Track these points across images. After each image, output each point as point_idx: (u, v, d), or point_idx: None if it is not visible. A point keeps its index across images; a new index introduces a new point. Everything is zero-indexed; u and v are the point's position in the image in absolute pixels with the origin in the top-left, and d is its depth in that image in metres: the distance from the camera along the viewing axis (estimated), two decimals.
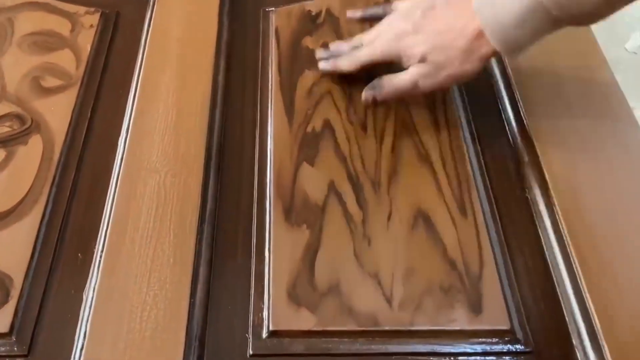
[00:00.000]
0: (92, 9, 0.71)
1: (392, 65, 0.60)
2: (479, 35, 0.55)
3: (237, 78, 0.66)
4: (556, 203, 0.54)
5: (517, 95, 0.62)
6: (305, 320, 0.48)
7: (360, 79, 0.63)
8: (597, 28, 1.94)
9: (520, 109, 0.61)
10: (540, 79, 0.64)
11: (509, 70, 0.65)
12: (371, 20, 0.65)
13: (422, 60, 0.57)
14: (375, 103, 0.61)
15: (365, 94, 0.60)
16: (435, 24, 0.58)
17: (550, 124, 0.60)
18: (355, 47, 0.62)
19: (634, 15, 2.03)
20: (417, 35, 0.58)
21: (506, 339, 0.48)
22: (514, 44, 0.55)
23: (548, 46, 0.64)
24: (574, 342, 0.48)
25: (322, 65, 0.64)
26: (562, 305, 0.50)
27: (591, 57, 0.67)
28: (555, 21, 0.52)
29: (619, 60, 1.91)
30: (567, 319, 0.49)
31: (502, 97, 0.64)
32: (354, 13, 0.68)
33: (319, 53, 0.66)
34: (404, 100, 0.62)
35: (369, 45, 0.61)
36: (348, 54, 0.63)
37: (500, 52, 0.56)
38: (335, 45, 0.65)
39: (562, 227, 0.53)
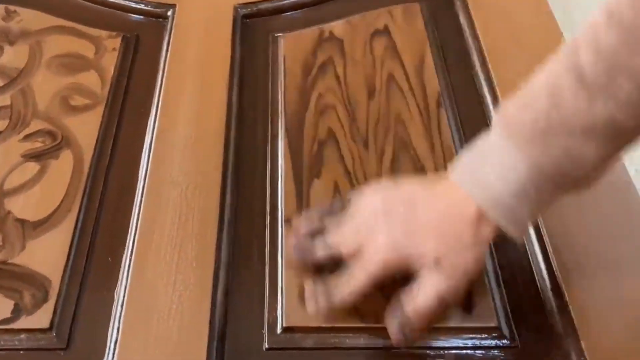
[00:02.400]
0: (114, 33, 0.77)
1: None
2: (479, 218, 0.48)
3: (250, 98, 0.71)
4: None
5: None
6: (315, 318, 0.52)
7: (361, 96, 0.68)
8: None
9: None
10: None
11: (499, 93, 0.69)
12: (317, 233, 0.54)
13: (436, 263, 0.49)
14: (406, 342, 0.50)
15: (396, 339, 0.50)
16: (428, 219, 0.50)
17: None
18: (339, 276, 0.51)
19: None
20: (415, 237, 0.49)
21: (494, 335, 0.53)
22: (521, 224, 0.49)
23: (534, 68, 0.70)
24: (555, 337, 0.53)
25: (312, 308, 0.52)
26: (544, 304, 0.55)
27: None
28: (562, 191, 0.49)
29: None
30: (548, 316, 0.54)
31: (493, 118, 0.69)
32: (300, 225, 0.55)
33: (296, 253, 0.54)
34: (401, 120, 0.68)
35: (360, 265, 0.50)
36: (340, 286, 0.51)
37: (504, 229, 0.49)
38: (307, 251, 0.53)
39: (543, 232, 0.58)
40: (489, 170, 0.48)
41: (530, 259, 0.58)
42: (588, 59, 0.44)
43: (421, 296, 0.49)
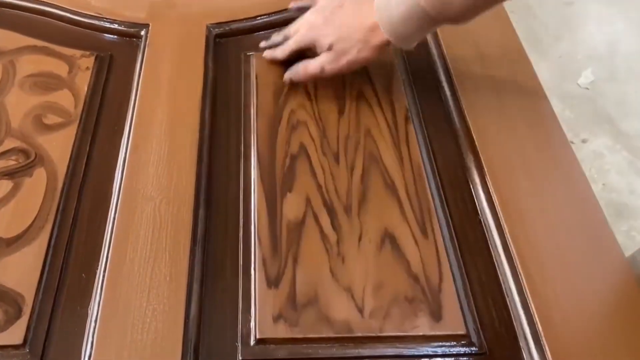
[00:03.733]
0: (88, 53, 0.77)
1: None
2: (374, 27, 0.68)
3: (222, 115, 0.72)
4: (505, 224, 0.61)
5: (472, 131, 0.70)
6: (288, 329, 0.54)
7: (331, 113, 0.71)
8: (550, 65, 2.07)
9: (474, 142, 0.68)
10: (491, 116, 0.71)
11: (464, 109, 0.72)
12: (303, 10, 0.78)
13: (329, 49, 0.70)
14: (292, 83, 0.74)
15: (285, 76, 0.74)
16: (341, 18, 0.71)
17: (499, 155, 0.67)
18: (286, 37, 0.76)
19: (585, 53, 2.15)
20: (326, 28, 0.71)
21: (462, 342, 0.54)
22: (402, 37, 0.67)
23: (498, 85, 0.73)
24: (521, 344, 0.55)
25: (264, 54, 0.78)
26: (511, 312, 0.57)
27: (536, 94, 0.75)
28: (433, 20, 0.64)
29: (572, 95, 2.02)
30: (515, 324, 0.56)
31: (459, 132, 0.71)
32: (295, 3, 0.82)
33: (262, 44, 0.79)
34: (371, 136, 0.69)
35: (293, 36, 0.75)
36: (281, 45, 0.76)
37: (392, 42, 0.68)
38: (274, 37, 0.78)
39: (510, 245, 0.60)
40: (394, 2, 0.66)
41: (497, 269, 0.60)
42: None
43: (310, 62, 0.73)
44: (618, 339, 0.54)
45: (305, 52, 0.74)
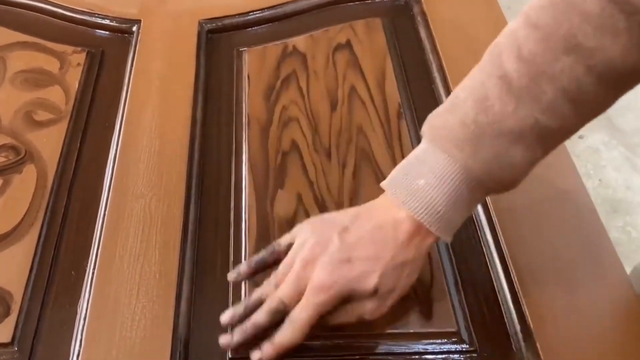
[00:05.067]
0: (79, 49, 0.77)
1: None
2: (415, 229, 0.49)
3: (214, 111, 0.72)
4: (497, 221, 0.61)
5: None
6: None
7: (323, 109, 0.70)
8: None
9: None
10: None
11: None
12: (259, 272, 0.54)
13: (375, 291, 0.49)
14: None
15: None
16: (365, 245, 0.49)
17: None
18: (275, 311, 0.49)
19: None
20: (355, 266, 0.48)
21: (453, 339, 0.54)
22: (453, 226, 0.50)
23: None
24: (512, 341, 0.54)
25: (257, 357, 0.49)
26: (502, 310, 0.56)
27: None
28: (490, 191, 0.50)
29: None
30: (506, 321, 0.55)
31: None
32: (236, 274, 0.53)
33: (224, 339, 0.50)
34: (363, 132, 0.69)
35: (306, 300, 0.49)
36: (282, 329, 0.49)
37: (439, 236, 0.49)
38: (249, 321, 0.50)
39: (502, 242, 0.59)
40: (420, 178, 0.48)
41: (489, 266, 0.59)
42: (511, 64, 0.46)
43: (341, 316, 0.50)
44: (609, 336, 0.54)
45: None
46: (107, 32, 0.81)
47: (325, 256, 0.49)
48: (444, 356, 0.53)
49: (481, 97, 0.47)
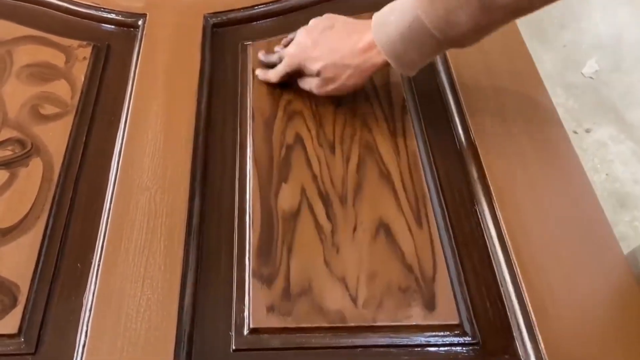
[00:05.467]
0: (85, 43, 0.77)
1: None
2: (369, 47, 0.63)
3: (219, 105, 0.72)
4: (500, 215, 0.61)
5: (468, 121, 0.69)
6: (281, 319, 0.54)
7: (328, 103, 0.70)
8: (555, 54, 2.05)
9: (470, 133, 0.68)
10: (489, 108, 0.71)
11: (461, 99, 0.72)
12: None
13: (317, 74, 0.67)
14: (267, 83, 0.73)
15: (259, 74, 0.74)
16: (331, 40, 0.66)
17: (495, 146, 0.67)
18: (280, 59, 0.72)
19: (590, 43, 2.13)
20: (314, 50, 0.67)
21: (456, 332, 0.54)
22: (402, 59, 0.61)
23: (496, 76, 0.72)
24: (514, 333, 0.55)
25: (257, 73, 0.74)
26: (505, 302, 0.57)
27: (535, 85, 0.74)
28: (437, 42, 0.59)
29: (576, 84, 2.00)
30: (508, 314, 0.56)
31: (456, 123, 0.71)
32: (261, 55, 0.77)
33: (260, 55, 0.76)
34: (367, 126, 0.69)
35: (284, 59, 0.71)
36: (275, 67, 0.73)
37: (390, 65, 0.62)
38: (269, 57, 0.75)
39: (505, 236, 0.60)
40: (392, 15, 0.61)
41: (492, 259, 0.60)
42: None
43: (300, 82, 0.70)
44: (611, 329, 0.54)
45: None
46: (112, 26, 0.81)
47: (306, 38, 0.68)
48: (446, 348, 0.54)
49: None
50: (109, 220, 0.60)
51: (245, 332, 0.54)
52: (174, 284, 0.56)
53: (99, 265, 0.57)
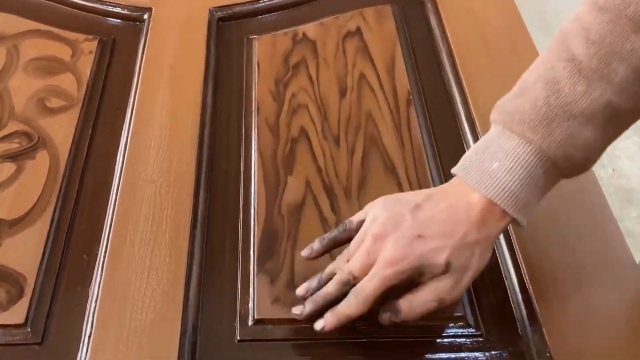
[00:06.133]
0: (91, 37, 0.78)
1: None
2: (488, 209, 0.49)
3: (224, 99, 0.72)
4: None
5: (473, 114, 0.69)
6: (286, 310, 0.54)
7: (332, 96, 0.70)
8: None
9: (475, 126, 0.68)
10: (494, 101, 0.70)
11: (467, 93, 0.71)
12: (331, 249, 0.55)
13: (447, 269, 0.49)
14: (393, 324, 0.51)
15: (383, 317, 0.50)
16: (437, 222, 0.49)
17: None
18: (346, 283, 0.50)
19: None
20: (427, 241, 0.48)
21: (459, 323, 0.54)
22: (528, 208, 0.50)
23: (501, 70, 0.72)
24: (518, 325, 0.55)
25: (319, 325, 0.50)
26: (509, 294, 0.56)
27: None
28: (563, 174, 0.50)
29: None
30: (512, 306, 0.56)
31: (461, 116, 0.70)
32: (309, 251, 0.54)
33: (297, 310, 0.52)
34: (372, 119, 0.69)
35: (374, 272, 0.49)
36: (351, 295, 0.50)
37: (513, 217, 0.50)
38: (319, 294, 0.52)
39: (511, 232, 0.59)
40: (494, 161, 0.49)
41: (496, 251, 0.60)
42: (580, 48, 0.47)
43: (419, 295, 0.49)
44: (615, 321, 0.54)
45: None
46: (118, 20, 0.81)
47: (397, 232, 0.49)
48: (450, 340, 0.54)
49: (551, 80, 0.48)
50: (115, 212, 0.60)
51: (250, 322, 0.54)
52: (179, 276, 0.56)
53: (104, 256, 0.57)
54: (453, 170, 0.52)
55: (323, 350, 0.53)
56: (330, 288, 0.51)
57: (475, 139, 0.67)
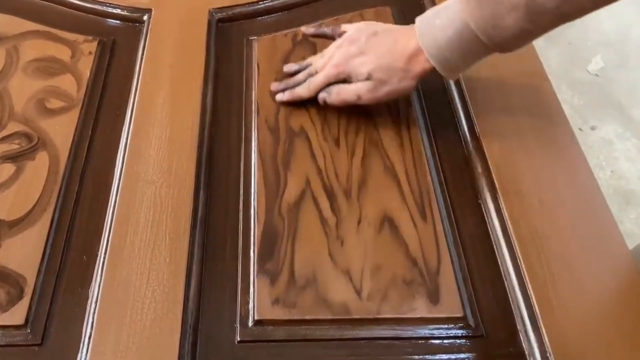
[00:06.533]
0: (90, 37, 0.78)
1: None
2: (417, 53, 0.63)
3: (224, 100, 0.72)
4: (504, 208, 0.61)
5: (473, 116, 0.69)
6: (286, 311, 0.54)
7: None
8: (560, 51, 2.05)
9: (475, 127, 0.68)
10: (493, 102, 0.71)
11: (466, 94, 0.72)
12: (320, 37, 0.76)
13: (367, 78, 0.65)
14: (325, 104, 0.69)
15: (319, 97, 0.69)
16: (378, 46, 0.65)
17: (500, 141, 0.67)
18: (310, 74, 0.70)
19: (595, 40, 2.13)
20: (362, 56, 0.66)
21: (460, 325, 0.54)
22: (449, 64, 0.62)
23: (501, 71, 0.72)
24: (518, 326, 0.55)
25: (280, 97, 0.71)
26: (508, 295, 0.57)
27: (540, 81, 0.75)
28: (483, 47, 0.60)
29: (582, 81, 2.00)
30: (512, 307, 0.56)
31: (460, 117, 0.71)
32: (308, 29, 0.76)
33: (274, 86, 0.72)
34: (372, 120, 0.69)
35: (323, 70, 0.68)
36: (306, 82, 0.70)
37: (436, 70, 0.63)
38: (291, 78, 0.72)
39: (509, 229, 0.60)
40: (437, 19, 0.62)
41: (496, 251, 0.60)
42: None
43: (347, 87, 0.67)
44: (615, 323, 0.54)
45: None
46: (118, 21, 0.81)
47: (350, 46, 0.67)
48: (450, 341, 0.54)
49: None
50: (115, 213, 0.60)
51: (250, 323, 0.54)
52: (179, 276, 0.56)
53: (104, 257, 0.57)
54: (416, 18, 0.65)
55: (323, 350, 0.53)
56: (301, 76, 0.71)
57: (475, 139, 0.68)
